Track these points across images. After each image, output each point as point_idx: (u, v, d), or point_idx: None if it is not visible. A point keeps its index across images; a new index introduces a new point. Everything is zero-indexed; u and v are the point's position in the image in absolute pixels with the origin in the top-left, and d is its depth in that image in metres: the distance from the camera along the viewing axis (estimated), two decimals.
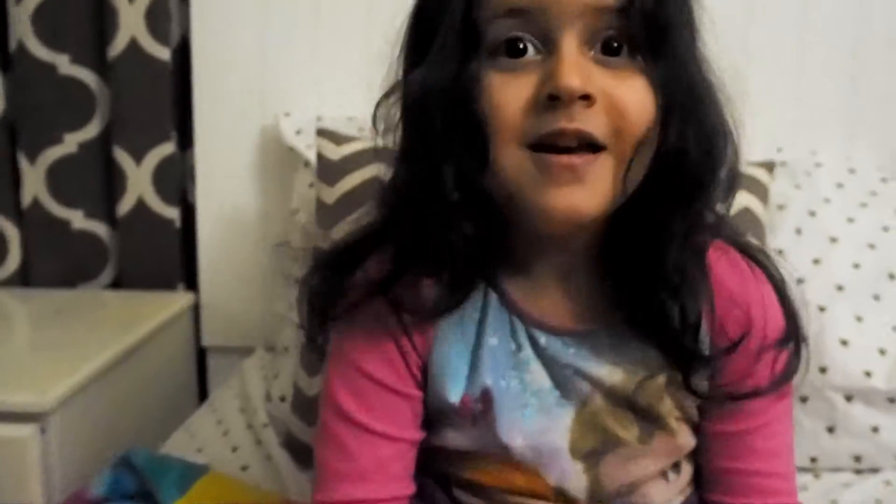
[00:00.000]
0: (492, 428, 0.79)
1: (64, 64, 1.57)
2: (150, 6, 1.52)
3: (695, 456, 0.85)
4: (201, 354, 1.63)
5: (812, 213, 1.28)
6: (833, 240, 1.25)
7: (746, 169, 1.25)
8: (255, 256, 1.56)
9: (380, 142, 0.79)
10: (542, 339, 0.80)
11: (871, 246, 1.25)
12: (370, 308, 0.79)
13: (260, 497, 1.06)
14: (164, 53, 1.54)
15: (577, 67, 0.68)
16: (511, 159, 0.71)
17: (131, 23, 1.52)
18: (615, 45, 0.71)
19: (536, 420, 0.79)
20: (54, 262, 1.62)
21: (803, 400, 1.17)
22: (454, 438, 0.82)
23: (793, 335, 0.80)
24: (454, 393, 0.79)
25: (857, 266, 1.23)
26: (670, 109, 0.71)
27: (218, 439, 1.25)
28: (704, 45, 0.76)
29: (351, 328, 0.81)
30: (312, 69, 1.52)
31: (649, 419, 0.79)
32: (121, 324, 1.41)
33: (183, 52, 1.58)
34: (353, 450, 0.79)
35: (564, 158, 0.69)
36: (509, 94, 0.70)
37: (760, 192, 1.24)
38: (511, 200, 0.73)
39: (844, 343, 1.18)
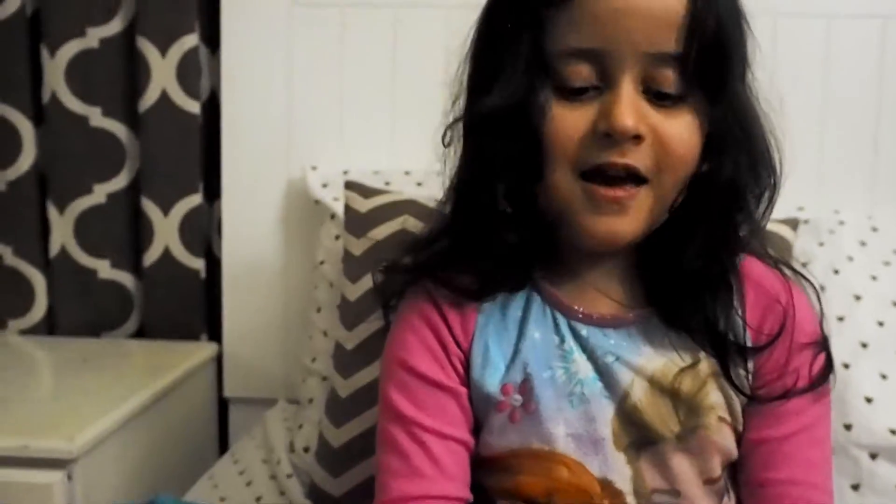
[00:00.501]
0: (535, 419, 0.82)
1: (96, 116, 1.60)
2: (182, 60, 1.55)
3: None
4: (222, 405, 1.64)
5: (836, 271, 1.29)
6: (857, 297, 1.26)
7: (771, 226, 1.27)
8: (278, 308, 1.57)
9: (440, 166, 0.88)
10: (584, 330, 0.85)
11: (895, 303, 1.26)
12: (415, 304, 0.87)
13: None
14: (193, 107, 1.57)
15: (632, 108, 0.75)
16: (564, 183, 0.78)
17: (163, 76, 1.56)
18: (669, 87, 0.77)
19: (581, 410, 0.82)
20: (80, 311, 1.63)
21: None
22: (499, 440, 0.84)
23: (825, 340, 0.86)
24: (493, 381, 0.84)
25: (881, 324, 1.24)
26: (722, 142, 0.79)
27: (241, 489, 1.25)
28: (753, 76, 0.83)
29: (399, 328, 0.88)
30: (339, 124, 1.55)
31: (691, 411, 0.82)
32: (145, 373, 1.42)
33: (212, 106, 1.61)
34: (406, 447, 0.83)
35: (611, 192, 0.77)
36: (569, 124, 0.77)
37: (785, 249, 1.24)
38: (560, 217, 0.81)
39: (869, 400, 1.18)
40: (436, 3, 1.45)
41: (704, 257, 0.82)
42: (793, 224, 1.30)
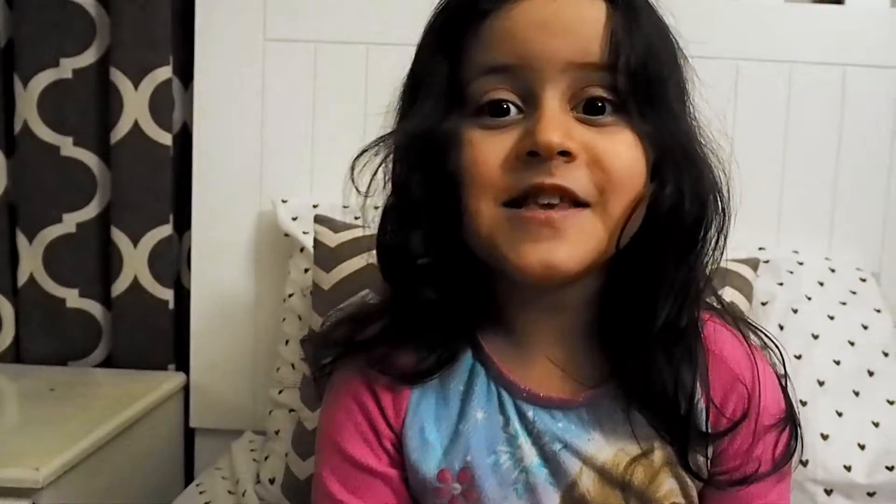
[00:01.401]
0: None
1: (67, 146, 1.60)
2: (154, 93, 1.56)
3: None
4: (188, 435, 1.63)
5: (794, 310, 1.32)
6: (815, 336, 1.29)
7: (732, 266, 1.30)
8: (246, 340, 1.58)
9: (358, 202, 0.80)
10: (530, 411, 0.77)
11: (851, 343, 1.29)
12: (347, 382, 0.81)
13: None
14: (165, 138, 1.57)
15: (557, 123, 0.68)
16: (486, 214, 0.70)
17: (135, 108, 1.56)
18: (599, 103, 0.70)
19: (526, 499, 0.77)
20: (47, 340, 1.62)
21: None
22: None
23: (791, 414, 0.79)
24: (429, 468, 0.77)
25: (837, 362, 1.27)
26: (664, 164, 0.71)
27: None
28: (693, 105, 0.77)
29: (331, 406, 0.82)
30: (309, 158, 1.56)
31: (642, 503, 0.76)
32: (112, 403, 1.41)
33: (184, 138, 1.62)
34: None
35: (540, 213, 0.68)
36: (488, 149, 0.70)
37: (745, 288, 1.28)
38: (489, 258, 0.73)
39: (825, 437, 1.21)
40: (407, 41, 1.46)
41: (669, 310, 0.72)
42: (753, 264, 1.34)
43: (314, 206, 1.50)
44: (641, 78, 0.70)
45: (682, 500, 0.78)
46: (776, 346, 0.81)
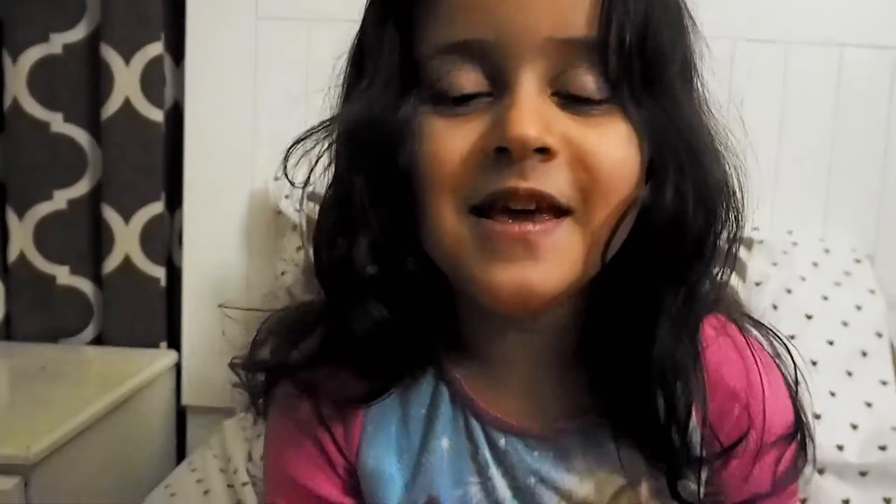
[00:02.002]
0: None
1: (57, 122, 1.59)
2: (145, 69, 1.55)
3: None
4: (180, 413, 1.63)
5: (789, 291, 1.32)
6: (808, 317, 1.29)
7: (725, 246, 1.30)
8: (238, 318, 1.57)
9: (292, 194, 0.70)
10: (502, 440, 0.66)
11: (845, 324, 1.29)
12: (289, 410, 0.68)
13: None
14: (157, 115, 1.57)
15: (534, 113, 0.55)
16: (448, 222, 0.57)
17: (126, 85, 1.55)
18: (586, 88, 0.57)
19: None
20: (38, 318, 1.62)
21: None
22: None
23: (800, 429, 0.66)
24: (390, 501, 0.66)
25: (831, 343, 1.27)
26: (663, 161, 0.58)
27: (199, 497, 1.24)
28: (703, 84, 0.63)
29: (275, 432, 0.71)
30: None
31: None
32: (104, 381, 1.41)
33: (175, 116, 1.61)
34: None
35: (514, 227, 0.55)
36: (449, 142, 0.56)
37: (739, 269, 1.27)
38: (452, 273, 0.60)
39: (818, 417, 1.21)
40: None
41: (666, 338, 0.60)
42: (747, 244, 1.34)
43: (306, 184, 1.49)
44: (637, 56, 0.56)
45: None
46: (789, 353, 0.68)
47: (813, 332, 1.28)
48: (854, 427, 1.20)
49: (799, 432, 0.66)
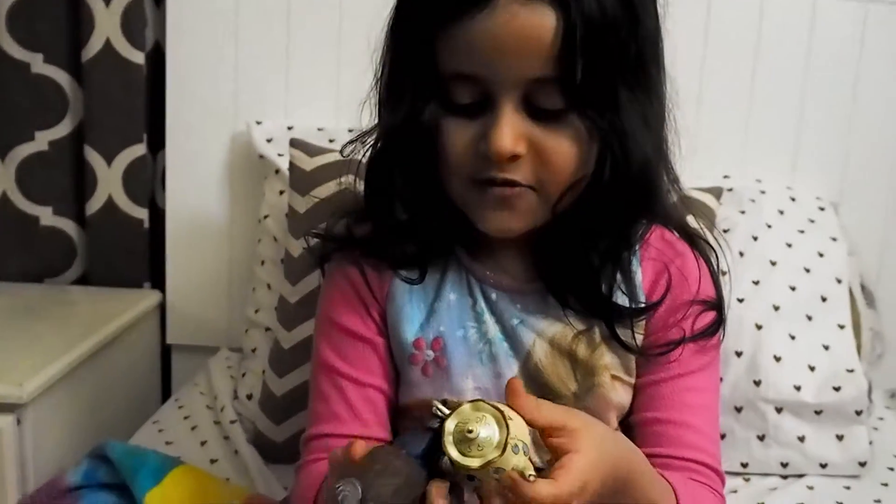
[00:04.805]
0: (446, 373, 0.90)
1: (37, 63, 1.59)
2: (126, 10, 1.54)
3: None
4: (165, 352, 1.67)
5: (755, 238, 1.36)
6: (773, 263, 1.34)
7: (696, 194, 1.34)
8: (222, 259, 1.60)
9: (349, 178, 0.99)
10: (494, 294, 0.92)
11: (807, 270, 1.34)
12: (340, 267, 0.96)
13: (230, 491, 1.11)
14: (137, 57, 1.57)
15: (510, 129, 0.80)
16: (457, 188, 0.86)
17: (106, 26, 1.55)
18: (549, 103, 0.81)
19: (489, 367, 0.90)
20: (22, 258, 1.64)
21: (738, 410, 1.26)
22: (415, 391, 0.92)
23: (717, 306, 0.93)
24: (407, 336, 0.91)
25: (793, 288, 1.32)
26: (603, 152, 0.82)
27: (187, 434, 1.29)
28: (655, 72, 0.86)
29: (326, 288, 0.97)
30: (284, 79, 1.57)
31: (587, 372, 0.90)
32: (91, 320, 1.44)
33: (157, 57, 1.62)
34: (327, 394, 0.93)
35: (497, 191, 0.83)
36: (458, 139, 0.83)
37: (709, 216, 1.32)
38: (462, 209, 0.89)
39: (778, 359, 1.26)
40: None
41: (592, 248, 0.88)
42: (717, 193, 1.38)
43: (289, 129, 1.52)
44: (588, 86, 0.79)
45: (621, 374, 0.91)
46: (713, 249, 0.96)
47: (776, 278, 1.33)
48: (812, 369, 1.26)
49: (716, 307, 0.92)
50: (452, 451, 0.67)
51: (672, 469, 0.87)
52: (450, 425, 0.68)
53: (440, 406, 0.70)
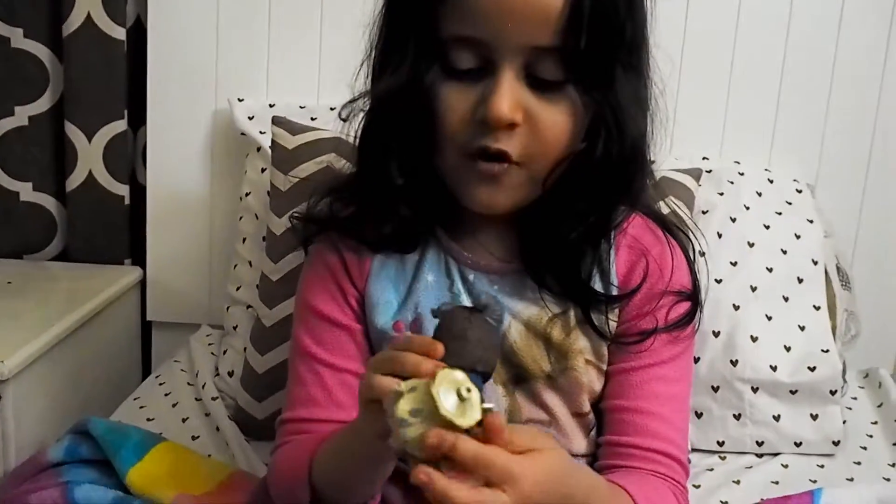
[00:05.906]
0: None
1: (17, 37, 1.58)
2: None
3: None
4: (145, 329, 1.67)
5: (733, 219, 1.37)
6: (750, 244, 1.35)
7: (675, 176, 1.35)
8: (202, 236, 1.60)
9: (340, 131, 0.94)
10: (471, 275, 0.93)
11: (784, 251, 1.35)
12: (320, 251, 0.96)
13: (211, 467, 1.11)
14: (118, 32, 1.56)
15: (509, 96, 0.80)
16: (448, 159, 0.86)
17: (87, 0, 1.54)
18: (549, 73, 0.81)
19: None
20: (1, 234, 1.64)
21: (715, 389, 1.27)
22: None
23: (693, 297, 0.94)
24: (386, 318, 0.92)
25: (770, 269, 1.33)
26: (596, 127, 0.83)
27: (168, 410, 1.30)
28: (645, 57, 0.87)
29: (306, 273, 0.98)
30: (266, 56, 1.57)
31: (560, 355, 0.91)
32: (71, 296, 1.45)
33: (138, 32, 1.61)
34: (304, 378, 0.94)
35: (486, 167, 0.83)
36: (455, 104, 0.82)
37: (687, 198, 1.33)
38: (451, 184, 0.89)
39: (754, 339, 1.28)
40: None
41: (575, 228, 0.88)
42: (696, 175, 1.39)
43: (270, 106, 1.52)
44: (589, 59, 0.80)
45: (594, 359, 0.93)
46: (689, 240, 0.98)
47: (754, 260, 1.34)
48: (787, 349, 1.27)
49: (691, 298, 0.94)
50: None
51: (635, 459, 0.89)
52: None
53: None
